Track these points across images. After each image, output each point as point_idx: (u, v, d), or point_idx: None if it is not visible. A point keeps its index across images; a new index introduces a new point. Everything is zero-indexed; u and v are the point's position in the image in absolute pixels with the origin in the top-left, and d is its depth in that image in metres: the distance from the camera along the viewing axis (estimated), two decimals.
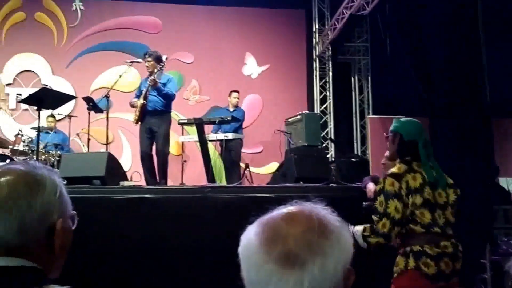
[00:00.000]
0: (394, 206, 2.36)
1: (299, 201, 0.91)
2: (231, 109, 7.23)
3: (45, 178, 1.02)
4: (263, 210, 0.91)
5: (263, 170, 8.01)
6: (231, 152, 6.76)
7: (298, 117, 6.66)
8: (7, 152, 6.31)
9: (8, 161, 6.07)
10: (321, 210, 0.88)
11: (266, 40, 8.61)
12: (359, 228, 2.45)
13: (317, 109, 8.59)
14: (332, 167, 5.93)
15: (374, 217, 2.43)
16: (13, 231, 0.95)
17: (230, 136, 6.57)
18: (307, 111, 7.18)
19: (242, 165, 6.82)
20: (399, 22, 6.39)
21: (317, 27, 8.78)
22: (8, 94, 8.04)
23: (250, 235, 0.86)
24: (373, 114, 8.27)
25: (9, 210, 0.96)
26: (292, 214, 0.87)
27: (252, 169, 6.71)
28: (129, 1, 8.44)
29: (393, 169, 2.51)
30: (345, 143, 8.43)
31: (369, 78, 8.71)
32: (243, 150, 7.14)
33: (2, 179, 0.99)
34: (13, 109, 8.01)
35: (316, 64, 8.78)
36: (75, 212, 1.08)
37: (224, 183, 6.64)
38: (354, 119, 8.67)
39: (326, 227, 0.84)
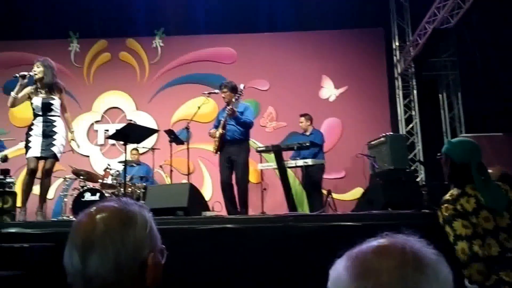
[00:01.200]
0: (460, 225, 2.22)
1: (390, 233, 0.86)
2: (308, 134, 7.05)
3: (136, 214, 1.06)
4: (350, 240, 0.87)
5: (346, 197, 7.70)
6: (312, 178, 6.56)
7: (382, 139, 6.35)
8: (97, 186, 6.59)
9: (98, 194, 6.33)
10: (415, 242, 0.83)
11: (343, 62, 8.42)
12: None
13: (402, 129, 8.19)
14: (423, 192, 5.55)
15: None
16: (109, 267, 0.98)
17: (310, 161, 6.38)
18: (391, 133, 6.83)
19: (324, 191, 6.58)
20: (489, 32, 5.94)
21: (397, 44, 8.46)
22: (96, 130, 8.49)
23: (340, 270, 0.82)
24: (466, 132, 7.68)
25: (105, 247, 0.99)
26: (384, 247, 0.82)
27: (335, 195, 6.46)
28: (203, 34, 8.67)
29: (446, 196, 2.37)
30: (436, 165, 7.88)
31: (459, 94, 8.15)
32: (324, 176, 6.90)
33: (98, 216, 1.03)
34: (101, 145, 8.43)
35: (399, 83, 8.42)
36: (164, 246, 1.09)
37: (306, 211, 6.43)
38: (445, 138, 8.11)
39: (422, 261, 0.79)
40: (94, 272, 0.98)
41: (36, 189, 5.08)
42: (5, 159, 6.63)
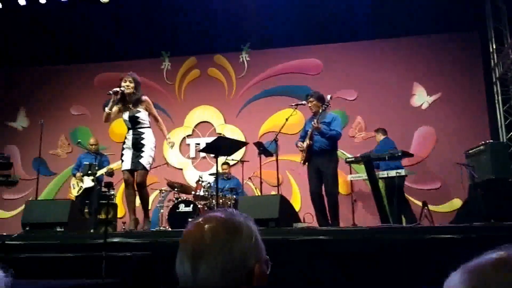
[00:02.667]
0: None
1: (510, 245, 0.80)
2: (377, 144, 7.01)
3: (242, 225, 1.08)
4: (450, 254, 0.78)
5: (443, 208, 7.32)
6: (400, 189, 6.35)
7: (481, 147, 5.97)
8: (190, 197, 6.84)
9: (191, 206, 6.56)
10: None
11: (435, 68, 8.05)
12: None
13: (503, 137, 7.61)
14: None
15: None
16: (217, 275, 1.00)
17: (403, 172, 6.19)
18: (491, 141, 6.40)
19: (419, 203, 6.30)
20: None
21: (494, 47, 7.91)
22: (188, 144, 8.84)
23: (455, 283, 0.78)
24: None
25: (214, 255, 1.01)
26: (504, 260, 0.77)
27: (430, 207, 6.15)
28: (288, 47, 8.74)
29: None
30: None
31: None
32: (418, 186, 6.63)
33: (206, 226, 1.06)
34: (193, 158, 8.75)
35: (497, 88, 7.85)
36: (268, 257, 1.10)
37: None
38: None
39: None
40: (204, 280, 1.01)
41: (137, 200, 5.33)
42: (111, 172, 7.13)
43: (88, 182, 7.13)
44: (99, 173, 7.00)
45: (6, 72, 9.66)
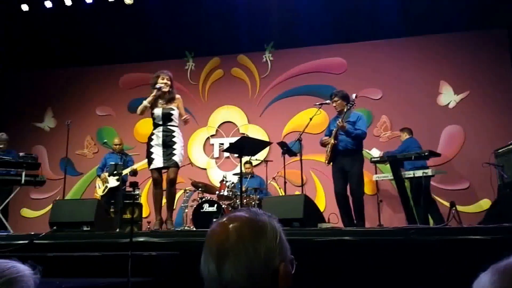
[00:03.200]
0: None
1: None
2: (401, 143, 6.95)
3: (266, 224, 1.07)
4: (479, 255, 0.76)
5: (472, 209, 7.16)
6: (426, 189, 6.23)
7: (511, 147, 5.82)
8: (214, 197, 6.86)
9: (216, 205, 6.58)
10: None
11: (462, 66, 7.90)
12: None
13: None
14: None
15: None
16: (243, 275, 0.99)
17: (430, 172, 6.06)
18: None
19: (447, 203, 6.18)
20: None
21: None
22: (212, 144, 8.87)
23: (485, 284, 0.79)
24: None
25: (239, 255, 1.01)
26: None
27: (458, 207, 6.02)
28: (312, 46, 8.68)
29: None
30: None
31: None
32: (446, 186, 6.51)
33: (231, 225, 1.06)
34: (217, 158, 8.78)
35: None
36: (292, 257, 1.09)
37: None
38: None
39: None
40: (229, 279, 1.00)
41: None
42: (135, 172, 7.21)
43: (113, 181, 7.22)
44: (124, 172, 7.08)
45: (34, 74, 9.87)
